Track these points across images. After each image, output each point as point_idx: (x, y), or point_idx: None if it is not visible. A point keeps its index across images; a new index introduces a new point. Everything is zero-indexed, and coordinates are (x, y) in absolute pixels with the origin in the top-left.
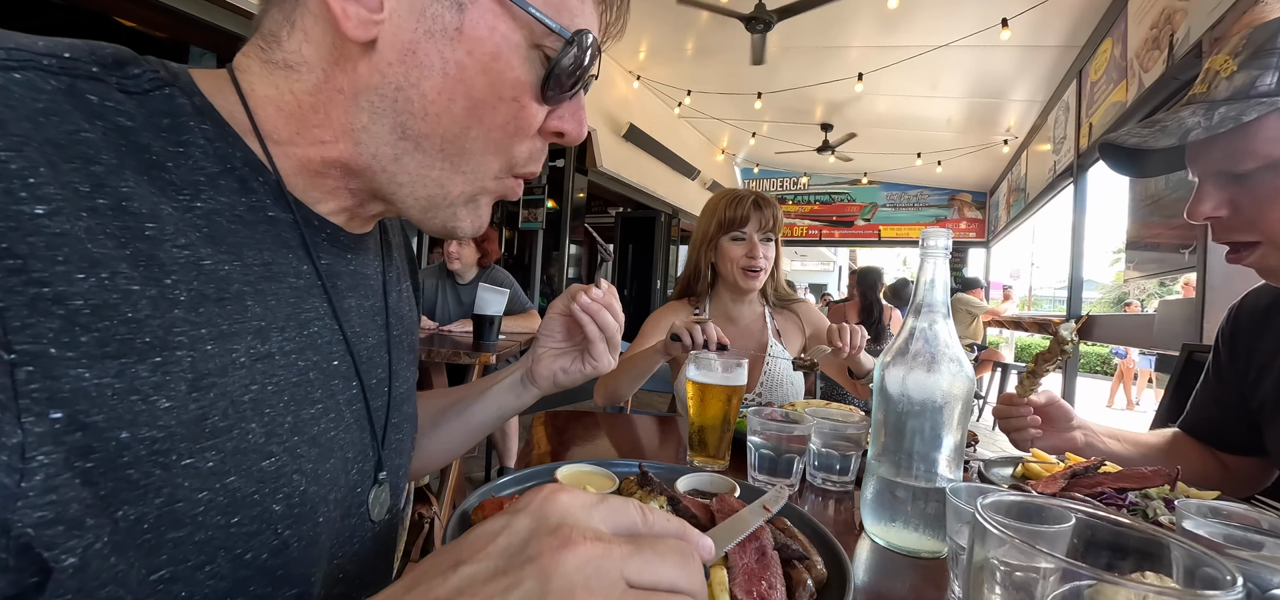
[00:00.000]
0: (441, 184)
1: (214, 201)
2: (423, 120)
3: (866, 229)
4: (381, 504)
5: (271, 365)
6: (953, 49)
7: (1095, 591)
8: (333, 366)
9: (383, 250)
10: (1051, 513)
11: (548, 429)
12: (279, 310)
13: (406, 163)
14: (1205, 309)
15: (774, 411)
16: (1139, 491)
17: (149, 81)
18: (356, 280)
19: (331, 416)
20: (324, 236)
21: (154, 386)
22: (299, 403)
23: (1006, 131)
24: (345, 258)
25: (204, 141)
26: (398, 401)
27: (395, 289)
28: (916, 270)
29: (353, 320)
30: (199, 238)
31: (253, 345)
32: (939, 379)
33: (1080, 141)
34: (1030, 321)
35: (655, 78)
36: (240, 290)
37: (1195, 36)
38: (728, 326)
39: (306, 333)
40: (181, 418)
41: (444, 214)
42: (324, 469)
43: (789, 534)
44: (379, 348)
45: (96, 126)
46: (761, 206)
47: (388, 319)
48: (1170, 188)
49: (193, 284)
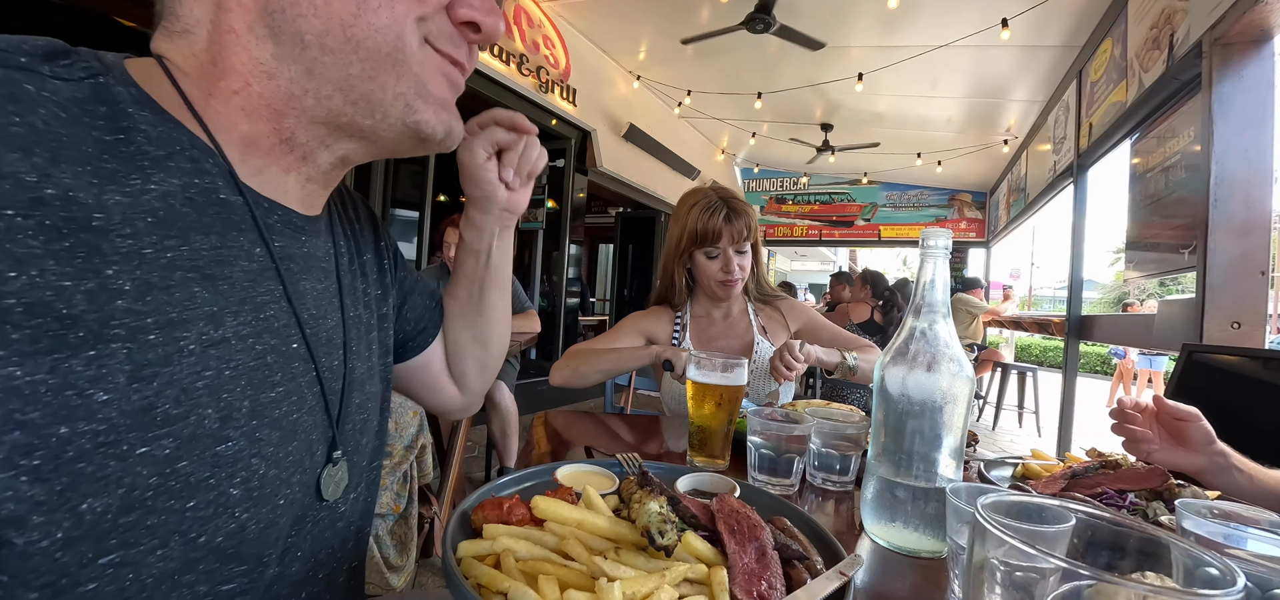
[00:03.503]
0: (369, 76)
1: (165, 184)
2: (314, 16)
3: (866, 229)
4: (336, 483)
5: (227, 350)
6: (953, 49)
7: (1095, 591)
8: (291, 349)
9: (334, 231)
10: (1051, 513)
11: (548, 429)
12: (232, 295)
13: (323, 72)
14: (1205, 309)
15: (774, 412)
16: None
17: (82, 71)
18: (310, 262)
19: (294, 399)
20: (276, 218)
21: (89, 380)
22: (257, 386)
23: (1006, 131)
24: (299, 240)
25: (145, 126)
26: (358, 381)
27: (350, 269)
28: (916, 270)
29: (308, 302)
30: (149, 225)
31: (205, 331)
32: (939, 379)
33: (1080, 141)
34: (1030, 321)
35: (655, 78)
36: (185, 277)
37: (1195, 36)
38: (710, 328)
39: (262, 316)
40: (123, 409)
41: (397, 111)
42: (286, 452)
43: (789, 534)
44: (337, 329)
45: (36, 116)
46: (732, 218)
47: (342, 300)
48: (1170, 187)
49: (136, 273)
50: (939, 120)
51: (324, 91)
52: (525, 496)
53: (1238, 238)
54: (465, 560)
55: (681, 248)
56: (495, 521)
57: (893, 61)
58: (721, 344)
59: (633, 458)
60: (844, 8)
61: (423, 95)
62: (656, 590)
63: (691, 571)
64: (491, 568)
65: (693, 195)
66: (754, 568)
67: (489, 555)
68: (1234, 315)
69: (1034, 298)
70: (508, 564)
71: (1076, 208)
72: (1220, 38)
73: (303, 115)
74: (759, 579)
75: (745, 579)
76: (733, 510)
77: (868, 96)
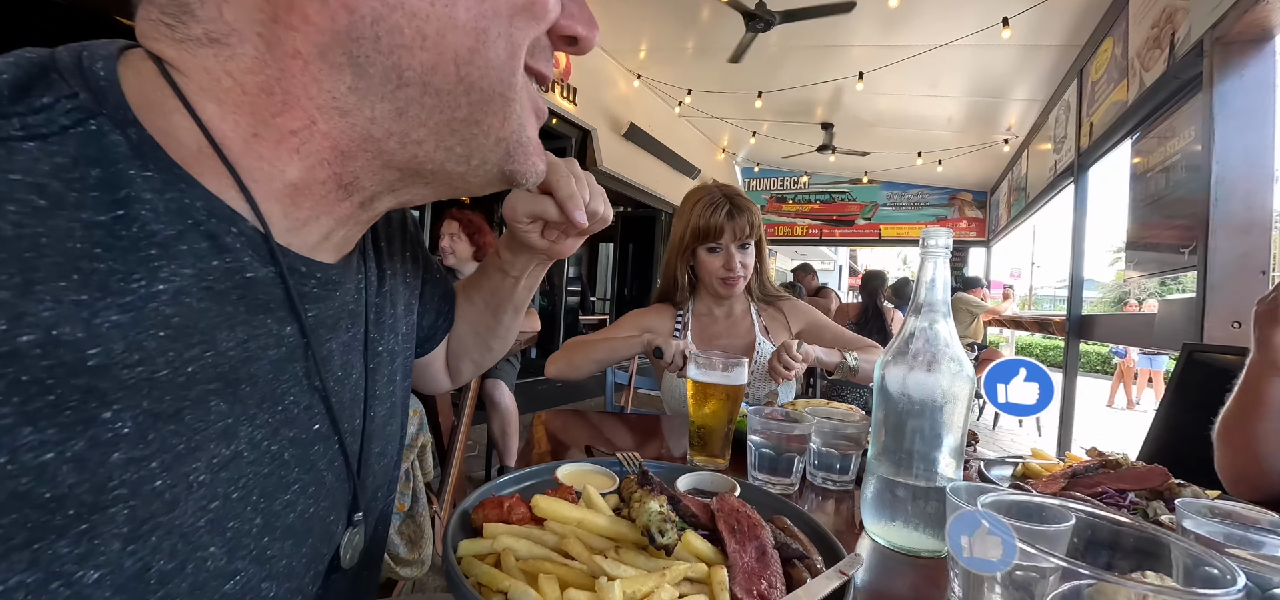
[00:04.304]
0: (474, 121)
1: (177, 279)
2: (422, 49)
3: (867, 228)
4: (354, 549)
5: (238, 468)
6: (953, 48)
7: (1095, 591)
8: (312, 432)
9: (365, 256)
10: (1052, 512)
11: (548, 428)
12: (252, 397)
13: (419, 115)
14: (1206, 308)
15: (775, 411)
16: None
17: (65, 115)
18: (340, 316)
19: (311, 492)
20: (313, 283)
21: (78, 560)
22: (271, 494)
23: (1007, 131)
24: (332, 299)
25: (150, 193)
26: (379, 427)
27: (378, 297)
28: (917, 269)
29: (334, 365)
30: (162, 340)
31: (216, 452)
32: (939, 378)
33: (1081, 141)
34: (1031, 321)
35: (655, 77)
36: (204, 392)
37: (1196, 36)
38: (712, 326)
39: (280, 409)
40: (117, 582)
41: (495, 158)
42: (298, 556)
43: (789, 533)
44: (360, 382)
45: (5, 216)
46: (735, 215)
47: (367, 342)
48: (1171, 187)
49: (142, 406)
50: (939, 119)
51: (415, 135)
52: (525, 496)
53: (1238, 237)
54: (466, 559)
55: (684, 244)
56: (495, 521)
57: (893, 60)
58: (723, 342)
59: (633, 457)
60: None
61: (522, 141)
62: (657, 589)
63: (692, 570)
64: (492, 567)
65: (697, 192)
66: (754, 567)
67: (489, 554)
68: (1234, 315)
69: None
70: (508, 563)
71: (1077, 207)
72: (1221, 37)
73: (376, 159)
74: (759, 578)
75: (745, 578)
76: (733, 509)
77: (868, 95)
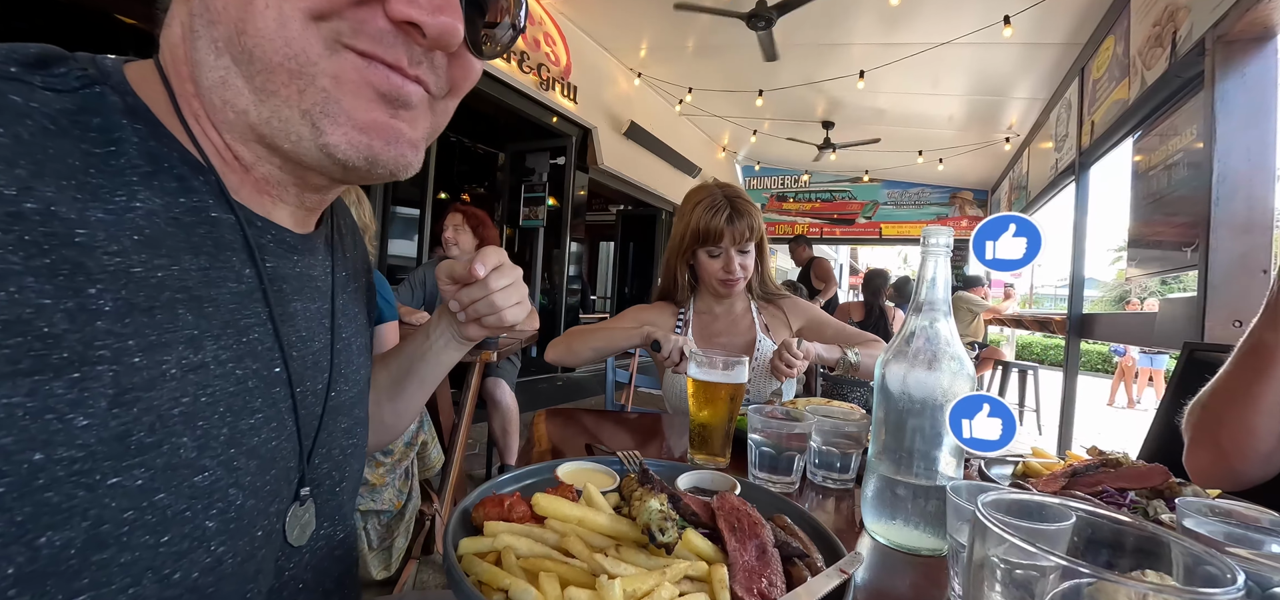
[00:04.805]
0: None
1: (149, 202)
2: (219, 22)
3: (868, 227)
4: (303, 526)
5: (205, 376)
6: (954, 46)
7: (1096, 590)
8: (274, 374)
9: (334, 249)
10: (1052, 511)
11: (549, 426)
12: (216, 317)
13: (238, 86)
14: (1206, 307)
15: (775, 409)
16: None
17: (77, 79)
18: (303, 282)
19: (273, 426)
20: (269, 237)
21: (71, 404)
22: (237, 413)
23: (1008, 129)
24: (291, 259)
25: (137, 139)
26: (343, 407)
27: (346, 289)
28: (918, 268)
29: (298, 324)
30: (134, 243)
31: (184, 355)
32: (940, 377)
33: (1082, 139)
34: (1031, 319)
35: (656, 75)
36: (172, 298)
37: (1198, 34)
38: (713, 324)
39: (245, 340)
40: (102, 435)
41: (306, 132)
42: (264, 481)
43: (789, 531)
44: (324, 352)
45: (23, 126)
46: (735, 219)
47: (334, 322)
48: (1172, 185)
49: (121, 293)
50: (940, 118)
51: (239, 104)
52: (526, 494)
53: (1239, 236)
54: (466, 557)
55: (684, 245)
56: (496, 519)
57: (894, 59)
58: (723, 340)
59: (633, 455)
60: (846, 5)
61: (331, 114)
62: (657, 588)
63: (692, 569)
64: (492, 565)
65: (698, 192)
66: (754, 565)
67: (490, 552)
68: (1236, 313)
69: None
70: (509, 561)
71: (1078, 206)
72: (1223, 35)
73: (247, 134)
74: (759, 576)
75: (746, 576)
76: (733, 508)
77: (869, 94)
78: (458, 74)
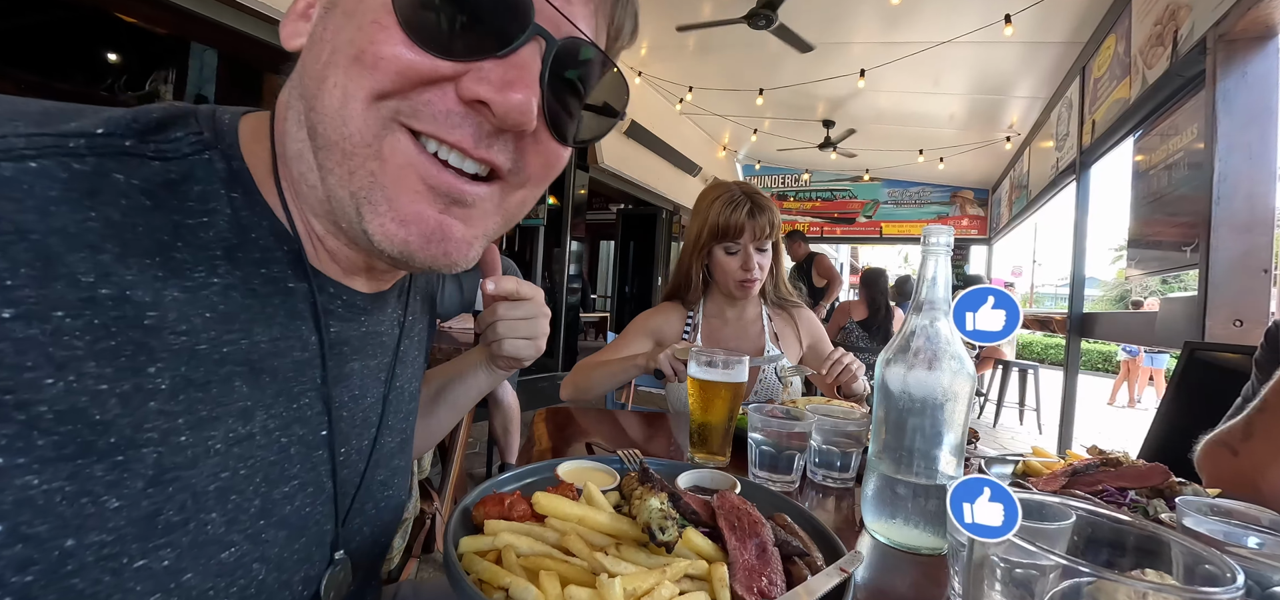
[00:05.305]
0: (326, 169)
1: (229, 276)
2: (305, 97)
3: (868, 226)
4: (340, 586)
5: (249, 447)
6: (955, 45)
7: (1096, 588)
8: (320, 437)
9: (408, 297)
10: (1052, 510)
11: (549, 425)
12: (271, 386)
13: (308, 156)
14: (1207, 307)
15: (775, 409)
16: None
17: (189, 145)
18: (366, 341)
19: (309, 491)
20: (340, 304)
21: (107, 485)
22: (273, 482)
23: (1009, 128)
24: (359, 322)
25: (230, 212)
26: (384, 458)
27: (411, 334)
28: (918, 267)
29: (352, 383)
30: (206, 320)
31: (233, 427)
32: (940, 376)
33: (1083, 138)
34: (1032, 319)
35: (656, 74)
36: (231, 372)
37: (1199, 33)
38: (722, 329)
39: (295, 406)
40: (132, 516)
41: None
42: (291, 552)
43: (789, 530)
44: (375, 407)
45: (116, 207)
46: (756, 214)
47: (393, 374)
48: (1173, 184)
49: (180, 370)
50: (941, 117)
51: (312, 181)
52: (527, 493)
53: (1240, 235)
54: (467, 556)
55: (701, 242)
56: (497, 517)
57: (895, 58)
58: (732, 346)
59: (634, 454)
60: (846, 4)
61: (373, 201)
62: (657, 586)
63: (692, 567)
64: (493, 563)
65: (716, 189)
66: (754, 564)
67: (490, 551)
68: (1236, 313)
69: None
70: (509, 560)
71: (1079, 205)
72: (1224, 34)
73: (318, 208)
74: (759, 575)
75: (746, 575)
76: (733, 507)
77: (870, 93)
78: (534, 161)
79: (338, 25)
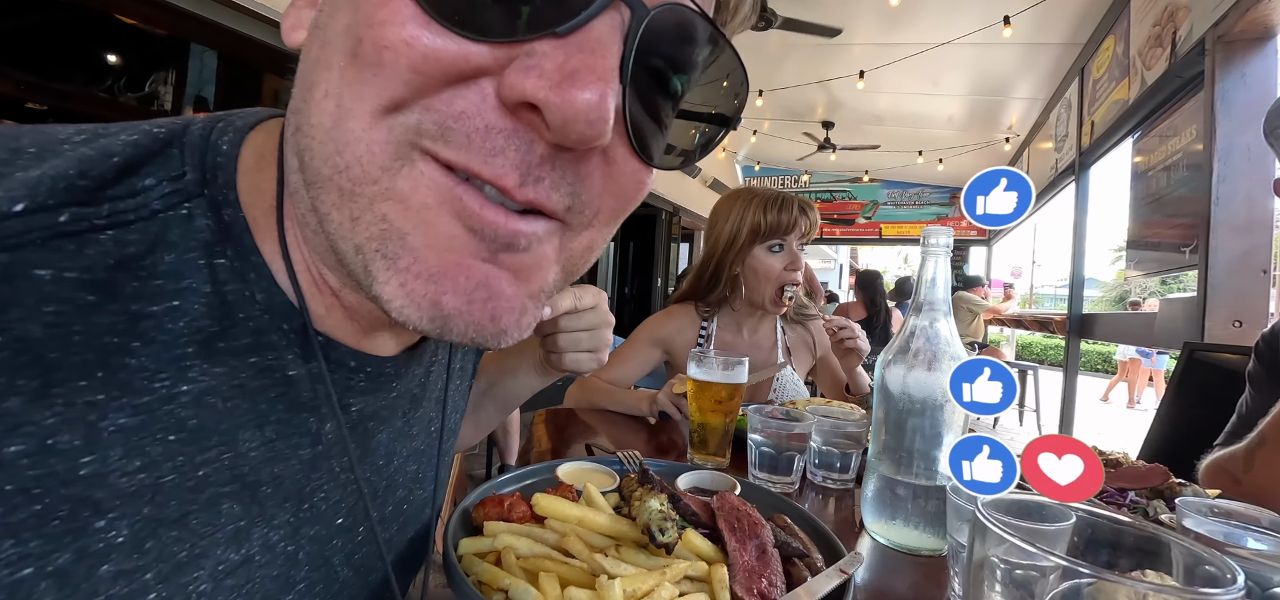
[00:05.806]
0: (324, 212)
1: (206, 378)
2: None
3: (868, 227)
4: None
5: (247, 573)
6: (955, 46)
7: (1096, 589)
8: (335, 527)
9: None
10: (1052, 511)
11: (549, 427)
12: (272, 498)
13: (303, 193)
14: (1207, 307)
15: (775, 409)
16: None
17: (160, 198)
18: (395, 406)
19: (319, 589)
20: (362, 378)
21: None
22: (275, 595)
23: (1008, 129)
24: (388, 390)
25: (210, 288)
26: (414, 511)
27: (458, 375)
28: (918, 268)
29: (376, 457)
30: (170, 445)
31: (223, 558)
32: (940, 377)
33: (1082, 139)
34: (1031, 319)
35: None
36: (216, 495)
37: (1198, 34)
38: (737, 339)
39: (308, 506)
40: None
41: (359, 274)
42: None
43: (789, 531)
44: (403, 464)
45: (35, 322)
46: (807, 210)
47: (445, 405)
48: (1172, 185)
49: (141, 512)
50: (940, 118)
51: (313, 223)
52: (526, 494)
53: (1239, 236)
54: (466, 557)
55: (739, 243)
56: (496, 519)
57: (894, 59)
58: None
59: (633, 455)
60: (846, 4)
61: (388, 253)
62: (657, 587)
63: (692, 569)
64: (493, 565)
65: (749, 191)
66: (754, 565)
67: (490, 552)
68: (1235, 314)
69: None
70: (509, 561)
71: (1078, 206)
72: (1223, 35)
73: (327, 256)
74: (759, 576)
75: (746, 576)
76: (733, 508)
77: (869, 94)
78: (605, 191)
79: (334, 6)
